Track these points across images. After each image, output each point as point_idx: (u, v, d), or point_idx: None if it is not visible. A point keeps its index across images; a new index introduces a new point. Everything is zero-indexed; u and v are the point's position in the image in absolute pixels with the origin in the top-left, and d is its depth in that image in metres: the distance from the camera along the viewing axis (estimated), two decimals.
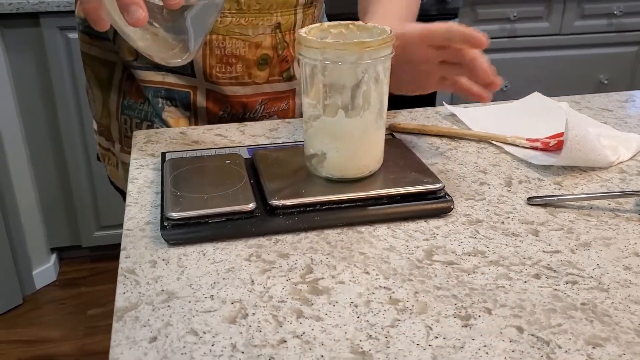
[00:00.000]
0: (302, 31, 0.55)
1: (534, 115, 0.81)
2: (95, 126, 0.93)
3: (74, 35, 1.80)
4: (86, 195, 2.01)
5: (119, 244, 0.53)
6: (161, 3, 0.48)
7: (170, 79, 0.81)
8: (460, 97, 2.11)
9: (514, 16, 2.04)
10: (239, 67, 0.80)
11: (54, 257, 2.11)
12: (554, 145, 0.68)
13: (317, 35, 0.57)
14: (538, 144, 0.69)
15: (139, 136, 0.75)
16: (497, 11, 0.84)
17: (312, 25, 0.58)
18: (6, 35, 1.79)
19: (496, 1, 0.87)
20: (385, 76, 0.55)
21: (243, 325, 0.42)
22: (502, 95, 2.01)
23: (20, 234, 1.93)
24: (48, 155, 1.96)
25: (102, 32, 0.55)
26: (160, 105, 0.82)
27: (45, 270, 2.07)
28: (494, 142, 0.71)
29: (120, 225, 0.57)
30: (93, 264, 2.18)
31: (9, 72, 1.82)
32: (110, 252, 2.17)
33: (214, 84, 0.81)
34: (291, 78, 0.85)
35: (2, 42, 1.78)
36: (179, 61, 0.56)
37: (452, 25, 0.63)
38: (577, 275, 0.48)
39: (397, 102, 0.84)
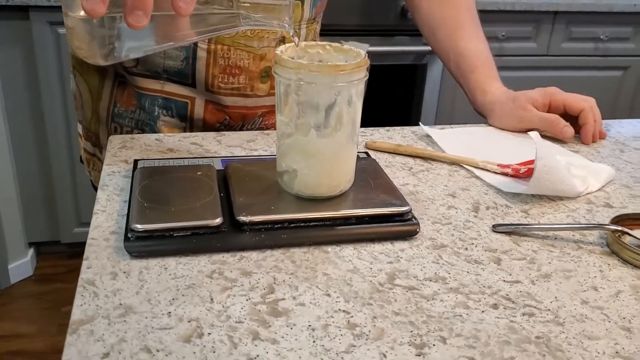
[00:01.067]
0: (279, 50, 0.56)
1: (508, 140, 0.82)
2: (80, 130, 0.93)
3: (63, 30, 1.79)
4: (68, 190, 2.00)
5: None
6: None
7: (169, 87, 0.81)
8: (439, 119, 2.06)
9: (503, 35, 2.06)
10: (241, 79, 0.81)
11: (31, 251, 2.10)
12: (525, 172, 0.68)
13: (293, 55, 0.58)
14: (509, 170, 0.70)
15: (114, 141, 0.74)
16: (486, 30, 0.86)
17: (289, 44, 0.58)
18: None
19: (485, 20, 0.88)
20: (358, 98, 0.55)
21: (197, 345, 0.42)
22: None
23: None
24: (31, 149, 1.94)
25: None
26: (156, 113, 0.82)
27: (21, 265, 2.05)
28: (466, 166, 0.72)
29: None
30: (70, 260, 2.16)
31: None
32: None
33: (214, 94, 0.81)
34: None
35: None
36: (96, 61, 0.56)
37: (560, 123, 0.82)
38: (535, 307, 0.48)
39: (375, 120, 0.85)
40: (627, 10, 2.12)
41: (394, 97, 2.13)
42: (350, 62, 0.53)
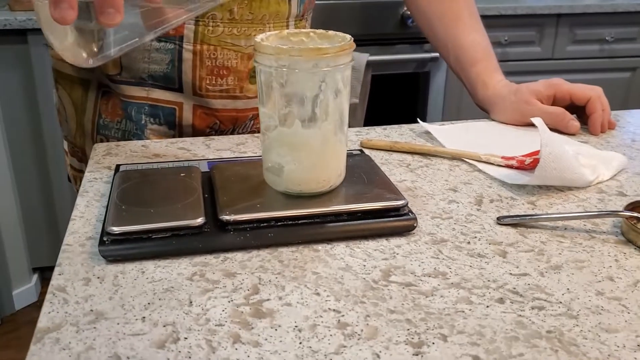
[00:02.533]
0: (259, 37, 0.53)
1: (510, 134, 0.78)
2: (66, 146, 0.90)
3: None
4: (69, 214, 1.97)
5: None
6: None
7: (155, 94, 0.78)
8: (437, 115, 2.01)
9: (505, 40, 2.03)
10: (230, 80, 0.78)
11: (35, 277, 2.07)
12: (530, 163, 0.64)
13: (275, 42, 0.54)
14: (513, 162, 0.66)
15: (98, 149, 0.71)
16: (489, 35, 0.83)
17: (271, 32, 0.55)
18: None
19: (487, 25, 0.85)
20: (344, 86, 0.52)
21: (172, 350, 0.38)
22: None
23: (1, 253, 1.89)
24: (32, 173, 1.92)
25: None
26: (143, 122, 0.79)
27: (25, 291, 2.02)
28: (468, 160, 0.68)
29: None
30: None
31: None
32: None
33: (202, 98, 0.78)
34: None
35: None
36: (83, 61, 0.53)
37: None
38: (545, 300, 0.44)
39: (371, 118, 0.81)
40: (632, 9, 2.08)
41: (397, 106, 2.10)
42: (334, 45, 0.50)
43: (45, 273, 2.14)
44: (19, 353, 1.84)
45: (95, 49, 0.51)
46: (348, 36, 0.52)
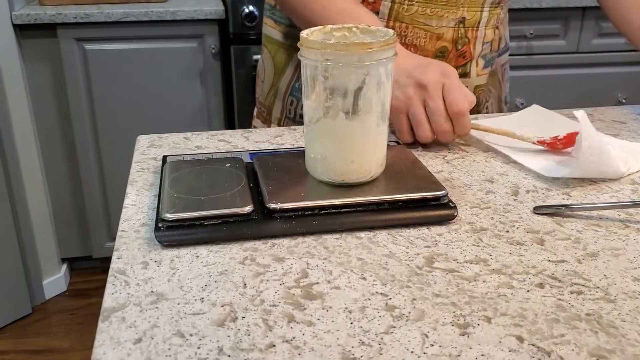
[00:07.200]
0: (304, 33, 0.55)
1: (534, 127, 0.79)
2: (255, 112, 0.97)
3: (90, 46, 1.82)
4: (98, 205, 2.02)
5: None
6: None
7: None
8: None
9: (530, 34, 2.03)
10: None
11: (64, 267, 2.12)
12: (562, 140, 0.67)
13: (319, 37, 0.56)
14: (547, 139, 0.68)
15: (142, 141, 0.74)
16: (513, 28, 0.84)
17: (315, 28, 0.57)
18: (24, 46, 1.81)
19: (512, 18, 0.86)
20: (387, 79, 0.54)
21: (231, 328, 0.41)
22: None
23: (31, 244, 1.94)
24: (61, 165, 1.97)
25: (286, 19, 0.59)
26: None
27: (55, 281, 2.06)
28: (501, 150, 0.70)
29: None
30: (104, 275, 2.17)
31: (25, 81, 1.84)
32: None
33: None
34: (466, 75, 0.85)
35: (19, 52, 1.81)
36: None
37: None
38: (583, 285, 0.46)
39: None
40: None
41: None
42: (378, 40, 0.52)
43: (74, 263, 2.18)
44: (50, 341, 1.89)
45: None
46: (391, 31, 0.54)
